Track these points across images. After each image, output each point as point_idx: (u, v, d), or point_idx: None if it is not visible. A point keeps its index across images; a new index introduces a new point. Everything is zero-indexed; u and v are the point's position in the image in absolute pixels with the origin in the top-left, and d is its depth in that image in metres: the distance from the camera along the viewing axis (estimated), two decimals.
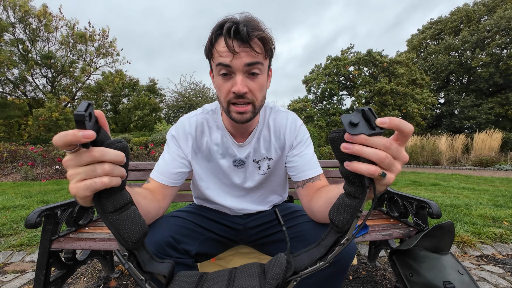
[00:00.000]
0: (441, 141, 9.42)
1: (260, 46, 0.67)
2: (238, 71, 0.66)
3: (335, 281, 0.71)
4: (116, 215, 0.40)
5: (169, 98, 17.72)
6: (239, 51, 0.65)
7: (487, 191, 3.71)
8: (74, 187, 0.37)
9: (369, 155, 0.37)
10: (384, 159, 0.38)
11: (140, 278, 0.42)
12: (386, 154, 0.38)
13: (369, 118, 0.37)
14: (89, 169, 0.36)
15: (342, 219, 0.43)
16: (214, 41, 0.67)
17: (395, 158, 0.39)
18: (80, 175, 0.36)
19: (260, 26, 0.67)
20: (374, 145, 0.38)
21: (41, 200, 3.13)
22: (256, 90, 0.70)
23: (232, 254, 1.08)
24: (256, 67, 0.68)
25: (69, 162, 0.36)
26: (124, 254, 0.41)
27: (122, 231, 0.40)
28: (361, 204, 0.41)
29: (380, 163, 0.38)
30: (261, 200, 0.95)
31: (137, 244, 0.41)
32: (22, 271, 1.52)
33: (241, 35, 0.63)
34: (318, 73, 17.11)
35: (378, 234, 1.08)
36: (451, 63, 17.45)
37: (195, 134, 0.85)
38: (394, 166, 0.39)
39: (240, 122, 0.73)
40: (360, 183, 0.40)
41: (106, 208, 0.39)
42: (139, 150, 6.21)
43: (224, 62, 0.66)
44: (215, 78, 0.72)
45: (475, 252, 1.74)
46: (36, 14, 13.58)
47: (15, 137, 13.87)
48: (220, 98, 0.73)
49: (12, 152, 6.48)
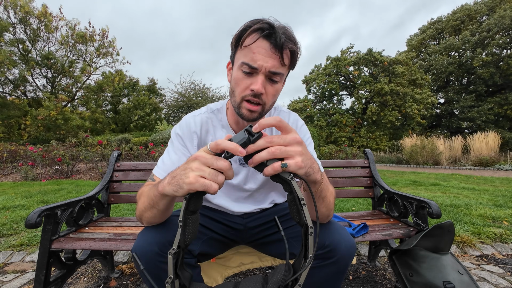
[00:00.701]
0: (440, 141, 9.43)
1: (288, 58, 0.68)
2: (262, 72, 0.67)
3: (335, 280, 0.71)
4: (190, 215, 0.48)
5: (169, 98, 17.73)
6: (268, 56, 0.65)
7: (487, 191, 3.71)
8: (195, 179, 0.45)
9: (264, 157, 0.44)
10: (274, 152, 0.44)
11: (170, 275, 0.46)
12: (275, 147, 0.44)
13: (250, 131, 0.46)
14: (213, 173, 0.46)
15: (294, 214, 0.48)
16: (247, 35, 0.66)
17: (286, 145, 0.46)
18: (203, 172, 0.45)
19: (295, 39, 0.67)
20: (260, 146, 0.45)
21: (41, 200, 3.12)
22: (271, 95, 0.72)
23: (232, 253, 1.08)
24: (278, 76, 0.69)
25: (203, 159, 0.46)
26: (173, 248, 0.46)
27: (187, 230, 0.47)
28: (296, 194, 0.46)
29: (274, 156, 0.44)
30: (262, 199, 0.95)
31: (187, 245, 0.48)
32: (22, 271, 1.52)
33: (276, 41, 0.64)
34: (318, 73, 17.11)
35: (378, 234, 1.08)
36: (451, 63, 17.44)
37: (200, 133, 0.85)
38: (290, 151, 0.45)
39: (247, 120, 0.73)
40: (282, 180, 0.46)
41: (190, 206, 0.47)
42: (139, 150, 6.21)
43: (251, 64, 0.66)
44: (235, 71, 0.71)
45: (475, 252, 1.75)
46: (36, 15, 13.58)
47: (15, 137, 13.87)
48: (235, 91, 0.72)
49: (12, 152, 6.48)
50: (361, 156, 6.33)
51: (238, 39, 0.68)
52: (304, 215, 0.45)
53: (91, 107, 16.22)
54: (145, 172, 1.47)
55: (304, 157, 0.47)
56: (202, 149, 0.49)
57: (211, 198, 0.91)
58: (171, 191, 0.49)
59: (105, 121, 17.09)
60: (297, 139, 0.47)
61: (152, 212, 0.61)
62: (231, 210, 0.91)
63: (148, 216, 0.63)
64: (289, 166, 0.44)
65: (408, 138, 10.32)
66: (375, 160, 9.60)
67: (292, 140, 0.46)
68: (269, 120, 0.46)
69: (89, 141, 7.13)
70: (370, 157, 1.55)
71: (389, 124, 14.59)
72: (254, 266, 1.12)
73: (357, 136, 15.20)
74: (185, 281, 0.49)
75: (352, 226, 1.13)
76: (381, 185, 1.42)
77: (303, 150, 0.47)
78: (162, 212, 0.61)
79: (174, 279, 0.47)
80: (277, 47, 0.64)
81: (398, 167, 8.87)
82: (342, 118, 15.18)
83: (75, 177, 5.43)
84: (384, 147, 14.27)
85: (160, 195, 0.54)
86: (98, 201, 1.35)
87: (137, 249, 0.64)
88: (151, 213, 0.61)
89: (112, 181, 1.43)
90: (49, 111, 11.73)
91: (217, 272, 1.05)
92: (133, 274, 1.50)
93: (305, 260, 0.46)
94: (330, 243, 0.68)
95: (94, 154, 5.83)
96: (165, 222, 0.70)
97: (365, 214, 1.40)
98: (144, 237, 0.66)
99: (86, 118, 15.29)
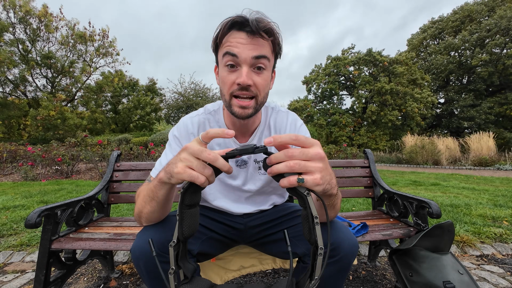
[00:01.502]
0: (440, 141, 9.44)
1: (268, 42, 0.68)
2: (245, 63, 0.66)
3: (338, 278, 0.71)
4: (187, 209, 0.48)
5: (169, 98, 17.72)
6: (247, 42, 0.65)
7: (487, 191, 3.71)
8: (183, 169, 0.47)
9: (281, 169, 0.43)
10: (293, 166, 0.43)
11: (172, 267, 0.47)
12: (294, 161, 0.43)
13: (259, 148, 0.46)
14: (200, 165, 0.46)
15: (306, 231, 0.46)
16: (222, 33, 0.67)
17: (307, 160, 0.44)
18: (190, 163, 0.46)
19: (269, 20, 0.67)
20: (279, 159, 0.44)
21: (41, 200, 3.12)
22: (260, 85, 0.70)
23: (232, 254, 1.08)
24: (262, 61, 0.68)
25: (190, 150, 0.47)
26: (173, 241, 0.47)
27: (184, 223, 0.48)
28: (310, 211, 0.44)
29: (292, 170, 0.43)
30: (262, 201, 0.95)
31: (187, 238, 0.49)
32: (22, 271, 1.52)
33: (250, 26, 0.64)
34: (318, 73, 17.11)
35: (378, 234, 1.08)
36: (450, 62, 17.45)
37: (197, 134, 0.85)
38: (310, 167, 0.43)
39: (241, 117, 0.72)
40: (298, 194, 0.45)
41: (185, 200, 0.48)
42: (139, 150, 6.21)
43: (231, 51, 0.65)
44: (220, 70, 0.71)
45: (475, 251, 1.75)
46: (36, 15, 13.58)
47: (15, 137, 13.87)
48: (223, 91, 0.72)
49: (12, 152, 6.48)
50: (361, 156, 6.32)
51: (215, 40, 0.69)
52: (315, 234, 0.43)
53: (91, 107, 16.23)
54: (145, 172, 1.46)
55: (324, 173, 0.45)
56: (194, 139, 0.50)
57: (211, 200, 0.91)
58: (165, 178, 0.52)
59: (105, 121, 17.09)
60: (320, 154, 0.44)
61: (151, 205, 0.61)
62: (231, 211, 0.91)
63: (148, 210, 0.63)
64: (306, 182, 0.43)
65: (409, 137, 10.33)
66: (375, 160, 9.60)
67: (315, 156, 0.44)
68: (284, 138, 0.44)
69: (89, 141, 7.13)
70: (370, 157, 1.55)
71: (390, 123, 14.58)
72: (254, 269, 1.12)
73: (357, 135, 15.20)
74: (188, 273, 0.49)
75: (352, 226, 1.13)
76: (381, 185, 1.42)
77: (324, 166, 0.45)
78: (162, 204, 0.61)
79: (177, 270, 0.48)
80: (254, 32, 0.65)
81: (398, 167, 8.87)
82: (342, 118, 15.18)
83: (75, 177, 5.43)
84: (383, 147, 14.26)
85: (159, 183, 0.56)
86: (98, 201, 1.35)
87: (136, 249, 0.65)
88: (151, 207, 0.62)
89: (112, 181, 1.43)
90: (48, 111, 11.73)
91: (217, 275, 1.05)
92: (133, 274, 1.50)
93: (310, 281, 0.45)
94: (333, 242, 0.68)
95: (94, 154, 5.84)
96: (164, 221, 0.70)
97: (365, 214, 1.40)
98: (143, 237, 0.66)
99: (86, 118, 15.29)
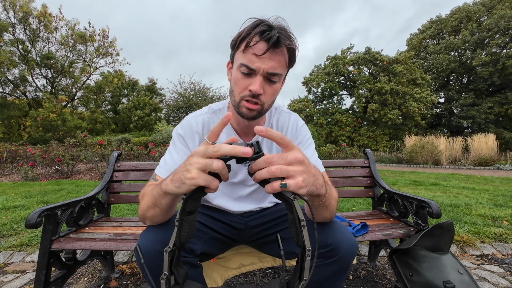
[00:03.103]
0: (439, 141, 9.44)
1: (285, 57, 0.69)
2: (259, 74, 0.68)
3: (337, 279, 0.71)
4: (187, 215, 0.48)
5: (168, 98, 17.72)
6: (265, 56, 0.66)
7: (487, 190, 3.71)
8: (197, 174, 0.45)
9: (264, 175, 0.44)
10: (274, 172, 0.43)
11: (164, 272, 0.46)
12: (275, 167, 0.43)
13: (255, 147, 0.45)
14: (208, 162, 0.45)
15: (293, 234, 0.47)
16: (245, 37, 0.67)
17: (287, 164, 0.44)
18: (200, 164, 0.45)
19: (292, 37, 0.68)
20: (260, 166, 0.44)
21: (41, 200, 3.12)
22: (269, 95, 0.72)
23: (233, 254, 1.08)
24: (275, 78, 0.70)
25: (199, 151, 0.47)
26: (169, 246, 0.47)
27: (183, 230, 0.48)
28: (296, 215, 0.45)
29: (274, 176, 0.43)
30: (262, 198, 0.95)
31: (183, 245, 0.49)
32: (23, 271, 1.52)
33: (274, 42, 0.64)
34: (318, 73, 17.11)
35: (378, 234, 1.08)
36: (451, 62, 17.45)
37: (201, 132, 0.85)
38: (291, 171, 0.44)
39: (247, 118, 0.74)
40: (284, 198, 0.45)
41: (187, 207, 0.48)
42: (139, 150, 6.20)
43: (249, 65, 0.67)
44: (235, 71, 0.72)
45: (475, 251, 1.75)
46: (36, 15, 13.58)
47: (15, 138, 13.88)
48: (234, 91, 0.73)
49: (12, 153, 6.48)
50: (361, 156, 6.33)
51: (237, 40, 0.69)
52: (303, 236, 0.44)
53: (91, 108, 16.23)
54: (145, 172, 1.47)
55: (305, 175, 0.46)
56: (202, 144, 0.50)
57: (211, 199, 0.91)
58: (174, 188, 0.49)
59: (105, 121, 17.10)
60: (298, 158, 0.45)
61: (155, 211, 0.61)
62: (231, 210, 0.91)
63: (151, 215, 0.63)
64: (289, 186, 0.43)
65: (410, 136, 10.33)
66: (375, 160, 9.61)
67: (294, 160, 0.45)
68: (273, 133, 0.45)
69: (88, 141, 7.13)
70: (370, 157, 1.55)
71: (390, 122, 14.58)
72: (254, 267, 1.12)
73: (357, 135, 15.20)
74: (179, 278, 0.49)
75: (352, 226, 1.13)
76: (381, 185, 1.42)
77: (304, 169, 0.46)
78: (165, 211, 0.61)
79: (169, 276, 0.47)
80: (275, 47, 0.65)
81: (398, 166, 8.87)
82: (342, 118, 15.19)
83: (75, 177, 5.43)
84: (384, 148, 14.27)
85: (163, 193, 0.54)
86: (98, 201, 1.35)
87: (140, 248, 0.65)
88: (154, 212, 0.61)
89: (112, 181, 1.43)
90: (48, 113, 11.75)
91: (217, 273, 1.05)
92: (133, 274, 1.50)
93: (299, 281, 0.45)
94: (332, 242, 0.68)
95: (94, 154, 5.83)
96: (168, 221, 0.71)
97: (365, 214, 1.40)
98: (147, 236, 0.66)
99: (85, 118, 15.29)
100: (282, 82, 0.79)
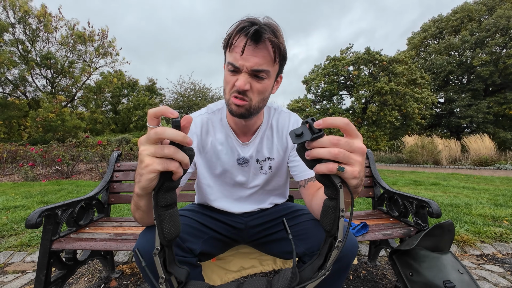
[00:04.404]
0: (440, 141, 9.46)
1: (270, 52, 0.68)
2: (244, 71, 0.69)
3: (337, 278, 0.71)
4: (164, 210, 0.46)
5: (168, 98, 17.72)
6: (248, 54, 0.66)
7: (487, 190, 3.71)
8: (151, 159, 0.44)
9: (323, 154, 0.42)
10: (337, 154, 0.41)
11: (161, 276, 0.45)
12: (338, 149, 0.41)
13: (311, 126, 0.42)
14: (158, 148, 0.43)
15: (328, 222, 0.45)
16: (232, 36, 0.68)
17: (350, 151, 0.43)
18: (149, 151, 0.44)
19: (276, 32, 0.67)
20: (323, 145, 0.42)
21: (41, 200, 3.13)
22: (257, 92, 0.72)
23: (232, 254, 1.08)
24: (261, 74, 0.69)
25: (142, 139, 0.45)
26: (157, 248, 0.45)
27: (164, 226, 0.45)
28: (338, 204, 0.43)
29: (335, 158, 0.41)
30: (262, 199, 0.95)
31: (170, 242, 0.46)
32: (23, 272, 1.52)
33: (256, 38, 0.65)
34: (318, 73, 17.10)
35: (378, 234, 1.08)
36: (450, 62, 17.45)
37: (200, 133, 0.86)
38: (352, 159, 0.42)
39: (236, 115, 0.74)
40: (331, 183, 0.44)
41: (159, 201, 0.45)
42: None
43: (233, 63, 0.68)
44: (225, 71, 0.75)
45: (475, 251, 1.75)
46: (36, 15, 13.57)
47: (15, 138, 13.87)
48: (225, 89, 0.75)
49: (12, 153, 6.48)
50: None
51: (225, 41, 0.71)
52: (338, 226, 0.43)
53: (91, 108, 16.23)
54: None
55: (361, 168, 0.45)
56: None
57: (211, 201, 0.91)
58: (137, 185, 0.48)
59: (105, 121, 17.10)
60: (362, 148, 0.44)
61: (139, 213, 0.61)
62: (232, 211, 0.91)
63: (138, 217, 0.63)
64: (345, 172, 0.42)
65: (410, 136, 10.34)
66: (375, 159, 9.59)
67: (358, 149, 0.43)
68: (336, 121, 0.42)
69: (89, 142, 7.13)
70: (370, 157, 1.55)
71: (389, 124, 14.59)
72: (254, 271, 1.12)
73: None
74: (181, 277, 0.48)
75: (352, 226, 1.13)
76: (381, 184, 1.42)
77: (363, 161, 0.45)
78: (147, 213, 0.60)
79: (167, 278, 0.46)
80: (257, 42, 0.65)
81: (398, 166, 8.87)
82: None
83: (75, 177, 5.43)
84: (384, 147, 14.27)
85: (136, 195, 0.54)
86: (98, 201, 1.35)
87: (139, 247, 0.65)
88: (139, 215, 0.61)
89: (112, 181, 1.43)
90: (48, 113, 11.75)
91: (217, 275, 1.05)
92: (133, 274, 1.50)
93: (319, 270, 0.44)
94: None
95: (94, 155, 5.83)
96: None
97: (365, 213, 1.40)
98: (146, 237, 0.66)
99: (85, 118, 15.29)
100: (276, 79, 0.79)
